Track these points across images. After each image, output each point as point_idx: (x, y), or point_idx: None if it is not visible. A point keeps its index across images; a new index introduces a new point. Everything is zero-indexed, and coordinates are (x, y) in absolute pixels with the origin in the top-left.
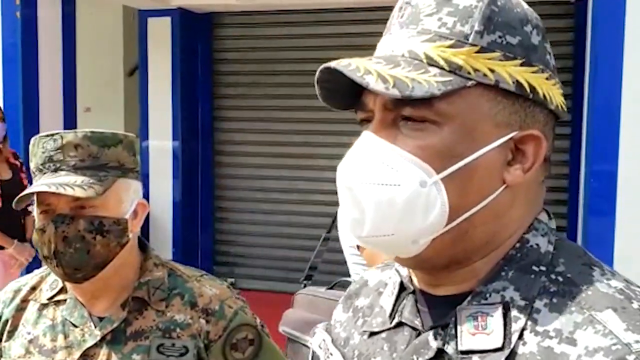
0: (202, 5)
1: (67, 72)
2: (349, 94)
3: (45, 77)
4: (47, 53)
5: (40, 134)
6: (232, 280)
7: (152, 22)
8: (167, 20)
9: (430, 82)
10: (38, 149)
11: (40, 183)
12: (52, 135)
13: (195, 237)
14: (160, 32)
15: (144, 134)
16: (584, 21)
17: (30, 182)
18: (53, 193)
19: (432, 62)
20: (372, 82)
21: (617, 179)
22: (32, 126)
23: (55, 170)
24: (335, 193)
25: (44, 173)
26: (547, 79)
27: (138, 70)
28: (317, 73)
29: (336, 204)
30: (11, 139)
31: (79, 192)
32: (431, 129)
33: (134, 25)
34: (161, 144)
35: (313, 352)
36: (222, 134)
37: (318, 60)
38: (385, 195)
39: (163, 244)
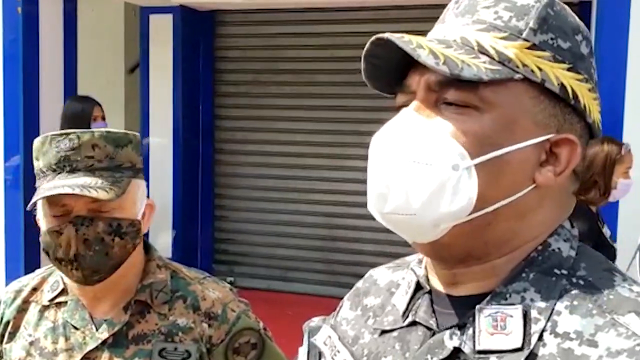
0: (204, 3)
1: (68, 69)
2: (394, 74)
3: (46, 74)
4: (48, 50)
5: (52, 133)
6: (232, 279)
7: (153, 19)
8: (168, 17)
9: (479, 66)
10: (51, 148)
11: (59, 184)
12: (67, 134)
13: (195, 235)
14: (161, 29)
15: (144, 131)
16: (588, 23)
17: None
18: (70, 194)
19: (482, 50)
20: (424, 55)
21: None
22: (32, 123)
23: (72, 171)
24: (336, 193)
25: (58, 173)
26: (589, 90)
27: (139, 67)
28: (367, 45)
29: (336, 204)
30: (11, 136)
31: (102, 195)
32: (472, 114)
33: (135, 22)
34: (162, 142)
35: (310, 346)
36: (223, 132)
37: (320, 59)
38: (416, 173)
39: (163, 242)
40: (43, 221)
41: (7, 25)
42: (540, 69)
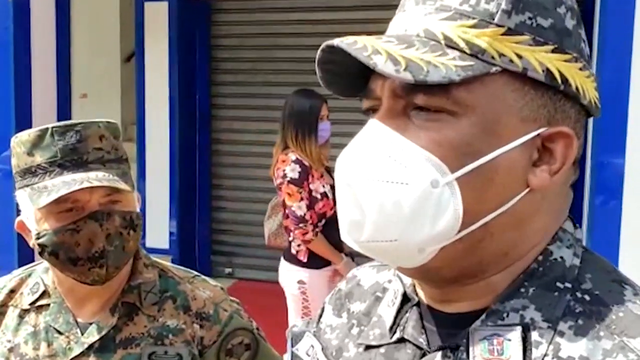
0: None
1: (61, 57)
2: (354, 79)
3: (39, 63)
4: (41, 38)
5: (51, 125)
6: (230, 270)
7: (149, 7)
8: (164, 5)
9: (448, 66)
10: (54, 141)
11: (78, 178)
12: (71, 126)
13: (192, 226)
14: (157, 17)
15: (140, 121)
16: (592, 10)
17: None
18: (83, 189)
19: (450, 44)
20: (381, 63)
21: (624, 172)
22: (24, 113)
23: (81, 164)
24: None
25: (65, 168)
26: (580, 69)
27: (135, 56)
28: (319, 52)
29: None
30: (3, 126)
31: (124, 187)
32: (447, 121)
33: (131, 11)
34: (158, 132)
35: (293, 355)
36: (220, 121)
37: (318, 47)
38: (391, 194)
39: (160, 233)
40: (43, 220)
41: None
42: (520, 57)
